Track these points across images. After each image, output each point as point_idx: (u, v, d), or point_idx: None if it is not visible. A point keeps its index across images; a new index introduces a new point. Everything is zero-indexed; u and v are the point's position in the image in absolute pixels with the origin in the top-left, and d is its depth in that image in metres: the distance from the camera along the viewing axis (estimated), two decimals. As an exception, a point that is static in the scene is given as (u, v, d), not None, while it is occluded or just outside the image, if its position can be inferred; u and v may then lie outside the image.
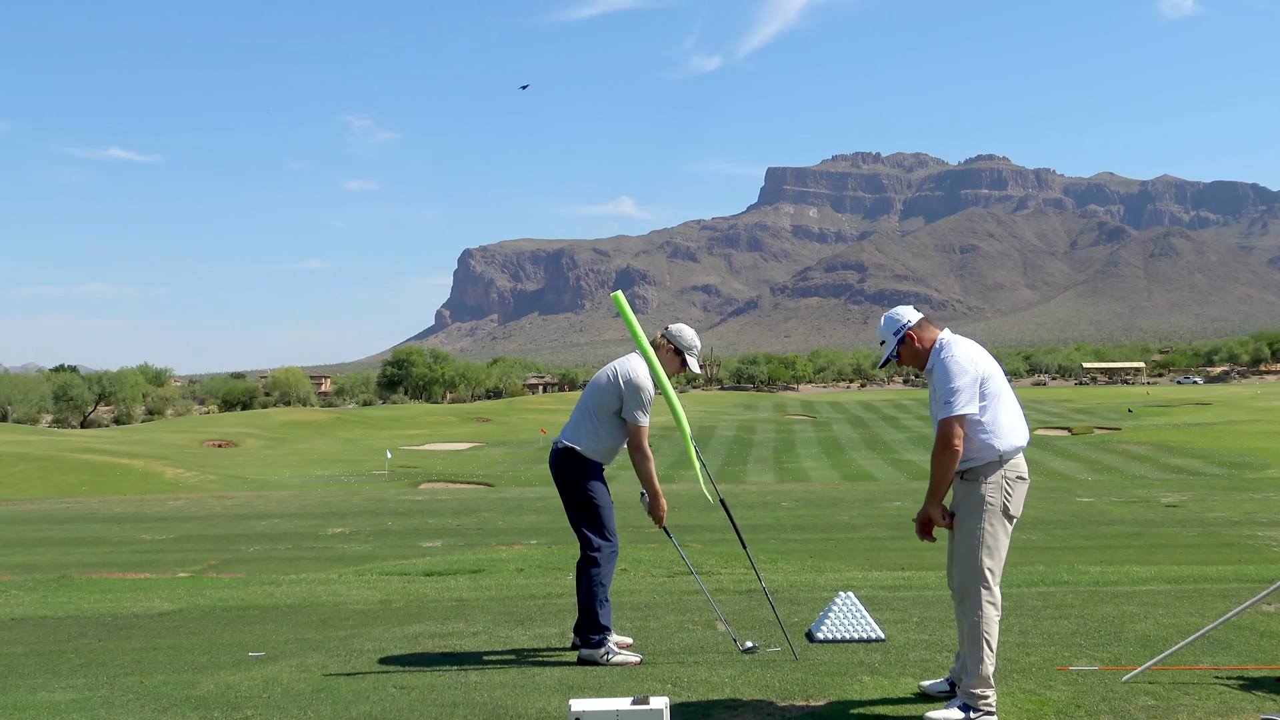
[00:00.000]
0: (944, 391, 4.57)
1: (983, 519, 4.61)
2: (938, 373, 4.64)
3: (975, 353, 4.67)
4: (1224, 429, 56.30)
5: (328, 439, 68.99)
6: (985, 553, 4.58)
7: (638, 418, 5.75)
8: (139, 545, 18.52)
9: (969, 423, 4.56)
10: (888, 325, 4.86)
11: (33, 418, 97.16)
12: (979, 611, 4.57)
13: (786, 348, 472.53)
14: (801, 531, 18.36)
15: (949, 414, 4.52)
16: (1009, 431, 4.61)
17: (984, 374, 4.61)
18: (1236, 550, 14.45)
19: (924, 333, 4.81)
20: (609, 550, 5.84)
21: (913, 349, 4.81)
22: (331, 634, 6.92)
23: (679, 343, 5.96)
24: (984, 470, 4.62)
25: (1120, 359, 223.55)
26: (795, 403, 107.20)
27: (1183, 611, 6.92)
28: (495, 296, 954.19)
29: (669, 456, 43.79)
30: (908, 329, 4.81)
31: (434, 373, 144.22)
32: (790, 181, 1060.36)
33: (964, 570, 4.62)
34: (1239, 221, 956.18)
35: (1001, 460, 4.59)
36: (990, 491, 4.61)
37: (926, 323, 4.86)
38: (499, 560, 12.76)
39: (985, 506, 4.61)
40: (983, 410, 4.59)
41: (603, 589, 5.74)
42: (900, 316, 4.87)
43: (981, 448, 4.59)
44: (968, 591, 4.61)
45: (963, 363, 4.59)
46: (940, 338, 4.78)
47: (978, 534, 4.60)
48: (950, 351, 4.65)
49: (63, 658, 6.41)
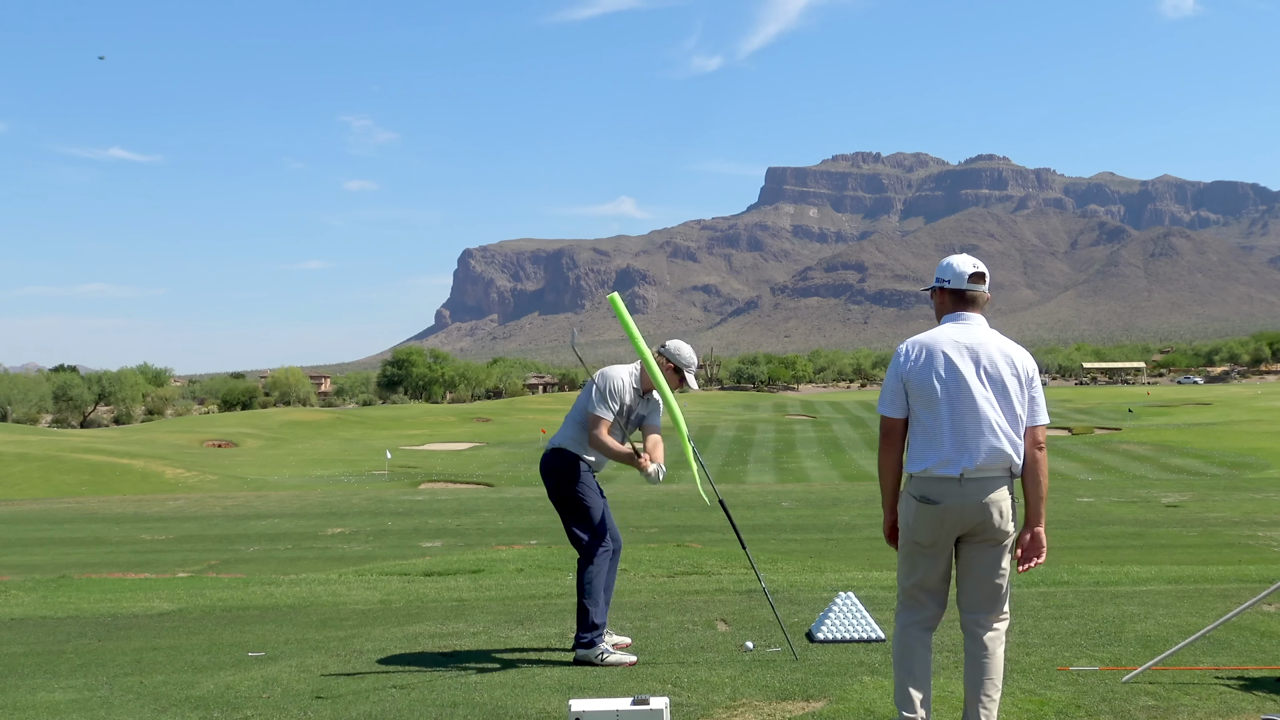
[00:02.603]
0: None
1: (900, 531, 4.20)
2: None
3: (918, 353, 4.04)
4: (1224, 429, 56.29)
5: (328, 439, 68.99)
6: (899, 568, 4.19)
7: (593, 407, 5.80)
8: (139, 545, 18.52)
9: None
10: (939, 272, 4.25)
11: (32, 418, 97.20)
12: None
13: (786, 348, 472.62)
14: (801, 531, 18.35)
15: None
16: (918, 452, 4.01)
17: (911, 379, 4.02)
18: (1236, 550, 14.45)
19: (936, 308, 4.26)
20: (602, 549, 5.85)
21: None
22: (331, 634, 6.91)
23: (677, 360, 5.99)
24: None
25: (1120, 359, 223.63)
26: (795, 403, 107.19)
27: (1183, 611, 6.92)
28: (495, 296, 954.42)
29: (668, 457, 43.70)
30: (934, 288, 4.24)
31: (434, 373, 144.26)
32: (790, 181, 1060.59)
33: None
34: (1239, 221, 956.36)
35: (912, 476, 4.06)
36: (900, 504, 4.16)
37: (945, 301, 4.19)
38: (499, 560, 12.75)
39: (900, 519, 4.17)
40: (910, 418, 4.08)
41: (595, 588, 5.77)
42: (942, 272, 4.20)
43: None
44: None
45: (893, 361, 4.13)
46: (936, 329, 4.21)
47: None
48: (902, 345, 4.17)
49: (62, 658, 6.40)
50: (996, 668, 4.00)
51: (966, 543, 4.02)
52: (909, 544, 4.06)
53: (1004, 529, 3.97)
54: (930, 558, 4.03)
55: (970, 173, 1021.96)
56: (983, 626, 4.02)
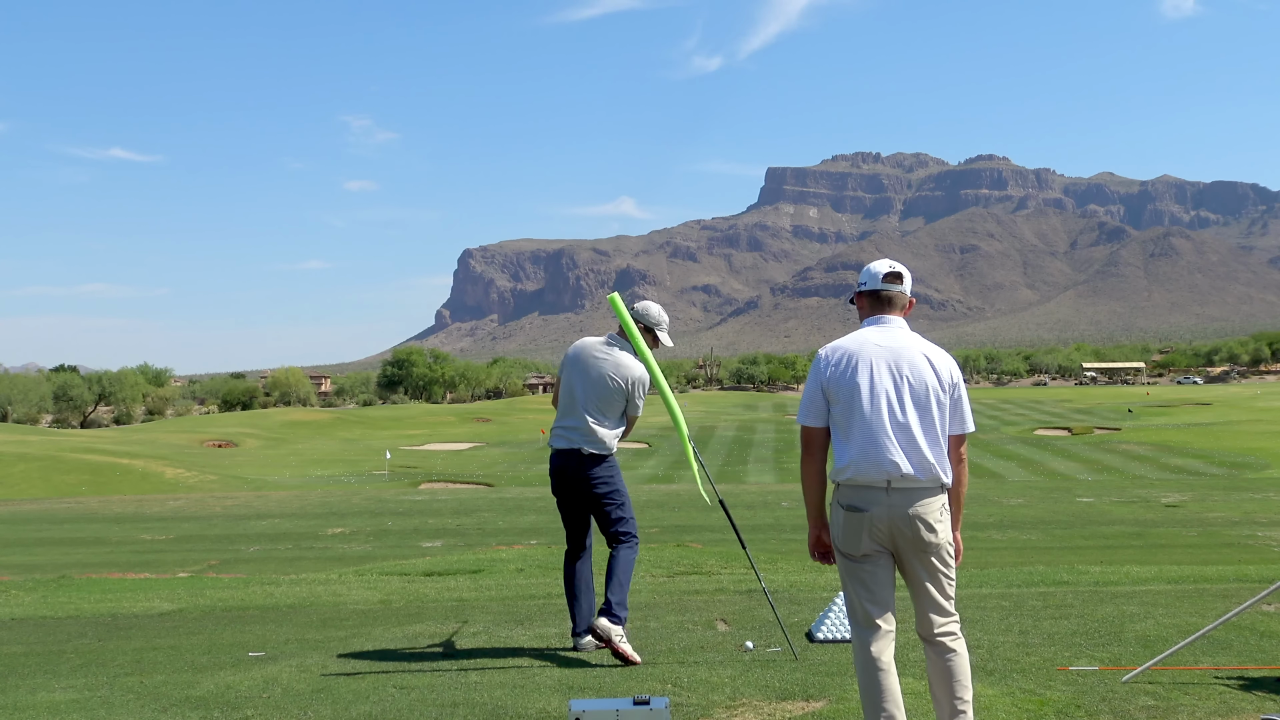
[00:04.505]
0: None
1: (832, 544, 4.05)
2: None
3: (839, 359, 3.92)
4: (1224, 429, 56.29)
5: (327, 439, 68.98)
6: (844, 585, 4.00)
7: (641, 410, 6.10)
8: (139, 545, 18.51)
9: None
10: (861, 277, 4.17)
11: (33, 418, 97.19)
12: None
13: (786, 348, 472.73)
14: (801, 531, 18.32)
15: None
16: (843, 459, 3.87)
17: (831, 386, 3.90)
18: (1236, 550, 14.45)
19: (859, 313, 4.18)
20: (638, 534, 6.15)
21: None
22: (331, 634, 6.91)
23: (645, 319, 6.10)
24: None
25: (1120, 359, 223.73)
26: (795, 403, 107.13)
27: (1183, 611, 6.92)
28: (495, 296, 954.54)
29: (668, 457, 43.79)
30: (852, 294, 4.19)
31: (434, 373, 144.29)
32: (790, 181, 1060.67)
33: None
34: (1239, 221, 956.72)
35: (838, 484, 3.93)
36: (829, 514, 4.05)
37: (864, 305, 4.13)
38: (499, 560, 12.75)
39: (830, 531, 4.05)
40: (833, 426, 3.96)
41: (630, 572, 5.95)
42: (861, 276, 4.14)
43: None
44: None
45: (813, 368, 4.02)
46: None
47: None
48: (821, 351, 4.06)
49: (63, 658, 6.40)
50: (963, 667, 3.87)
51: (901, 554, 3.89)
52: (843, 557, 3.92)
53: (933, 541, 3.84)
54: (867, 567, 3.88)
55: (970, 173, 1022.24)
56: (937, 630, 3.90)
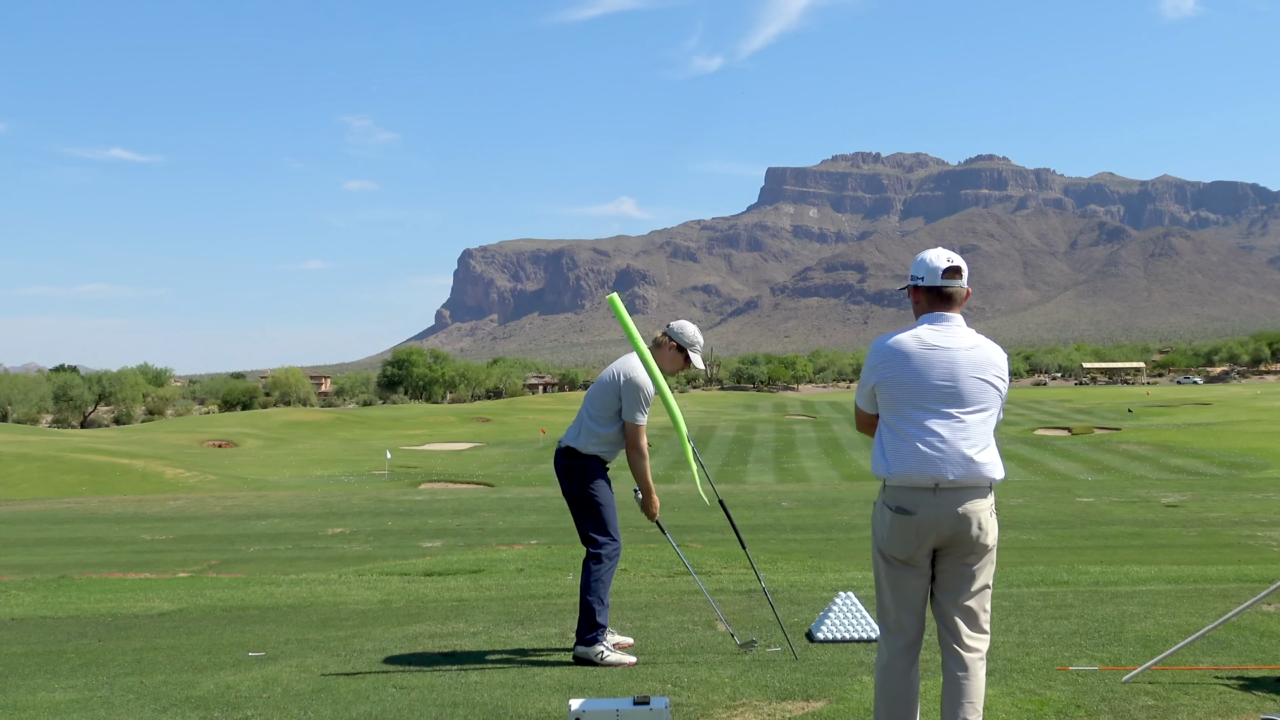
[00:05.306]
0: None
1: (872, 543, 3.92)
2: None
3: (890, 356, 3.80)
4: (1224, 429, 56.27)
5: (328, 439, 68.99)
6: (878, 586, 3.89)
7: (636, 417, 5.81)
8: (139, 545, 18.52)
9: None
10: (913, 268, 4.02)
11: (33, 418, 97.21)
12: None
13: (786, 348, 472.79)
14: (801, 531, 18.35)
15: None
16: (891, 458, 3.75)
17: (882, 384, 3.81)
18: (1236, 550, 14.45)
19: (914, 307, 4.02)
20: (611, 549, 5.86)
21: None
22: (331, 634, 6.91)
23: (681, 339, 6.04)
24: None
25: (1120, 359, 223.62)
26: (795, 403, 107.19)
27: (1183, 611, 6.92)
28: (495, 296, 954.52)
29: (668, 457, 43.77)
30: (909, 286, 4.01)
31: (434, 373, 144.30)
32: (790, 181, 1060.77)
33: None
34: (1239, 221, 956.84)
35: (885, 484, 3.79)
36: (874, 513, 3.91)
37: (920, 301, 3.95)
38: (499, 560, 12.76)
39: (872, 530, 3.92)
40: (882, 421, 3.85)
41: (602, 587, 5.76)
42: (916, 268, 3.95)
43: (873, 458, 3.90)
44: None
45: (868, 359, 3.90)
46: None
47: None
48: (876, 343, 3.94)
49: (63, 658, 6.40)
50: (978, 690, 3.71)
51: (943, 556, 3.76)
52: (881, 558, 3.81)
53: (982, 542, 3.70)
54: (906, 575, 3.77)
55: (970, 173, 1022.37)
56: (963, 645, 3.74)
